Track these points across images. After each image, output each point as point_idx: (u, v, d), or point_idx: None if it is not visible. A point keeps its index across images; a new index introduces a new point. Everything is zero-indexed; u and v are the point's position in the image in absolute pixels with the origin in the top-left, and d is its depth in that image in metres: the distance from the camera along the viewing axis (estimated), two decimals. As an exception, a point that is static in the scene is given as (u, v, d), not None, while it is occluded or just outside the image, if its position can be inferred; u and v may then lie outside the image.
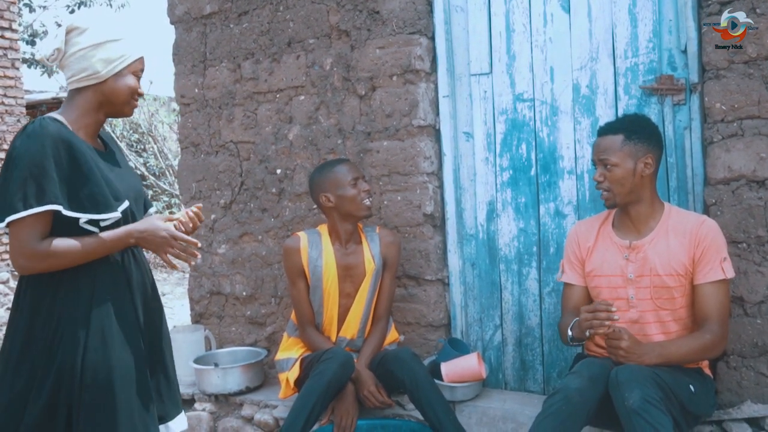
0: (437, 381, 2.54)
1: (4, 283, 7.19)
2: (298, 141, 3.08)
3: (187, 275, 3.70)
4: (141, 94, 1.86)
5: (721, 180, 2.31)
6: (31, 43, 13.48)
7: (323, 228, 2.76)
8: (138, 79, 1.85)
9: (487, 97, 2.80)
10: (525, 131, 2.74)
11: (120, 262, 1.80)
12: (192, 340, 3.22)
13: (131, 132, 10.45)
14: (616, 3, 2.54)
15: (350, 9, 2.90)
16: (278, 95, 3.13)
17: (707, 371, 2.23)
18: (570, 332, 2.18)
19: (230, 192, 3.29)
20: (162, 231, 1.77)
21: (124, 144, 10.20)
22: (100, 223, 1.72)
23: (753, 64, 2.25)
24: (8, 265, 7.45)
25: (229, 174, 3.29)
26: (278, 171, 3.15)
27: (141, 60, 1.84)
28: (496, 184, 2.81)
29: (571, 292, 2.34)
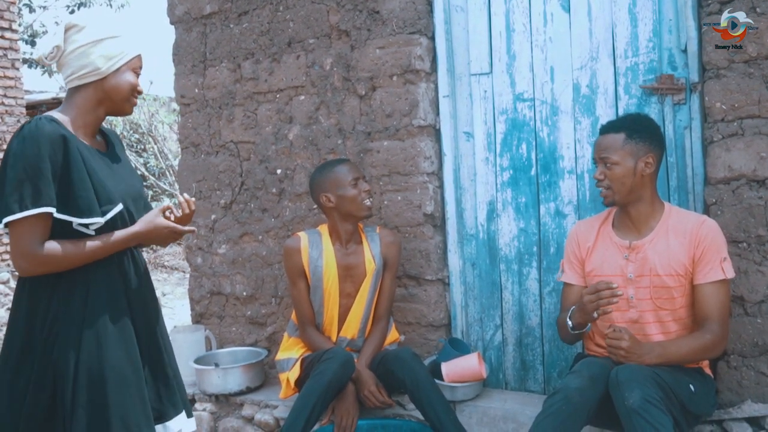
0: (438, 381, 2.54)
1: (5, 283, 7.19)
2: (298, 141, 3.08)
3: (188, 275, 3.70)
4: (140, 91, 1.86)
5: (722, 179, 2.31)
6: (31, 44, 13.48)
7: (324, 228, 2.76)
8: (137, 76, 1.85)
9: (487, 97, 2.80)
10: (525, 131, 2.74)
11: (116, 261, 1.80)
12: (192, 340, 3.23)
13: (131, 132, 10.44)
14: (616, 2, 2.54)
15: (350, 9, 2.90)
16: (278, 95, 3.13)
17: (707, 371, 2.23)
18: (570, 322, 2.18)
19: (230, 192, 3.29)
20: (163, 229, 1.83)
21: (124, 144, 10.18)
22: (90, 226, 1.71)
23: (753, 64, 2.25)
24: (8, 266, 7.45)
25: (230, 174, 3.29)
26: (278, 171, 3.15)
27: (139, 57, 1.85)
28: (497, 184, 2.81)
29: (570, 291, 2.34)
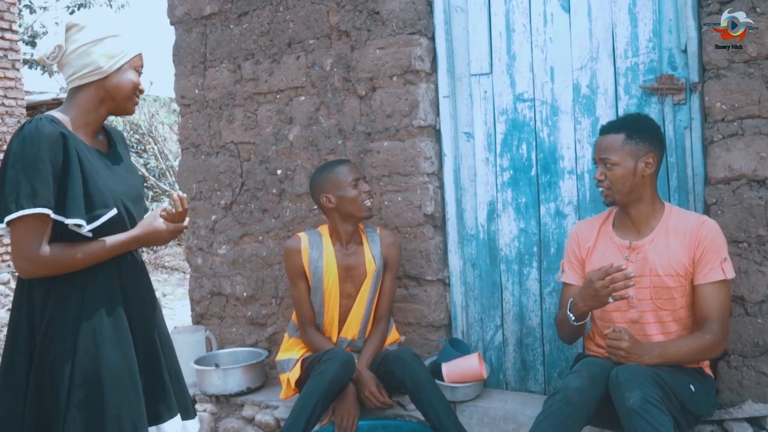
0: (438, 381, 2.54)
1: (5, 284, 7.19)
2: (298, 141, 3.08)
3: (188, 276, 3.70)
4: (142, 90, 1.86)
5: (722, 179, 2.31)
6: (32, 44, 13.49)
7: (324, 229, 2.76)
8: (139, 75, 1.84)
9: (487, 98, 2.80)
10: (525, 131, 2.74)
11: (114, 262, 1.79)
12: (193, 340, 3.23)
13: (132, 133, 10.43)
14: (616, 2, 2.54)
15: (350, 9, 2.90)
16: (278, 96, 3.13)
17: (708, 371, 2.23)
18: (570, 314, 2.17)
19: (231, 193, 3.29)
20: (163, 231, 1.83)
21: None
22: (81, 227, 1.69)
23: (753, 64, 2.25)
24: (9, 266, 7.46)
25: (230, 175, 3.29)
26: (279, 171, 3.15)
27: (140, 56, 1.84)
28: (497, 185, 2.81)
29: (569, 291, 2.34)
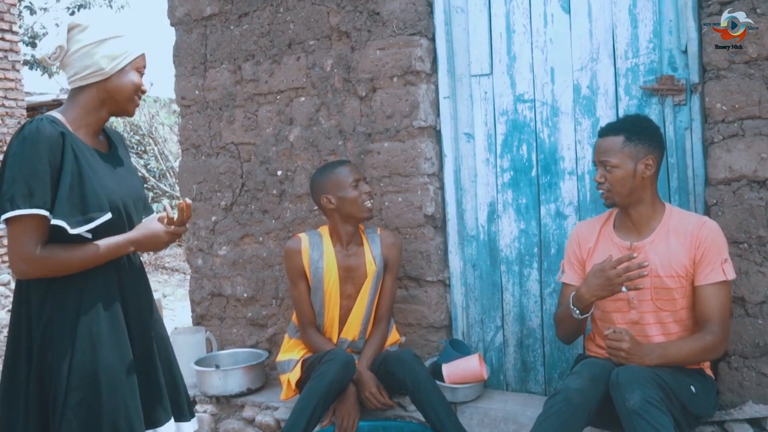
0: (438, 382, 2.54)
1: (5, 285, 7.20)
2: (298, 142, 3.08)
3: (188, 277, 3.70)
4: (144, 91, 1.84)
5: (722, 180, 2.31)
6: (32, 45, 13.50)
7: (324, 229, 2.76)
8: (141, 76, 1.83)
9: (487, 98, 2.80)
10: (526, 132, 2.74)
11: (114, 265, 1.79)
12: (193, 341, 3.22)
13: (132, 134, 10.45)
14: (616, 3, 2.54)
15: (350, 10, 2.90)
16: (279, 97, 3.13)
17: (708, 372, 2.23)
18: (573, 307, 2.16)
19: (231, 193, 3.29)
20: (162, 235, 1.82)
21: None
22: (70, 229, 1.67)
23: (753, 64, 2.25)
24: (9, 267, 7.46)
25: (230, 175, 3.29)
26: (279, 172, 3.15)
27: (143, 57, 1.83)
28: (497, 185, 2.81)
29: (569, 292, 2.33)
